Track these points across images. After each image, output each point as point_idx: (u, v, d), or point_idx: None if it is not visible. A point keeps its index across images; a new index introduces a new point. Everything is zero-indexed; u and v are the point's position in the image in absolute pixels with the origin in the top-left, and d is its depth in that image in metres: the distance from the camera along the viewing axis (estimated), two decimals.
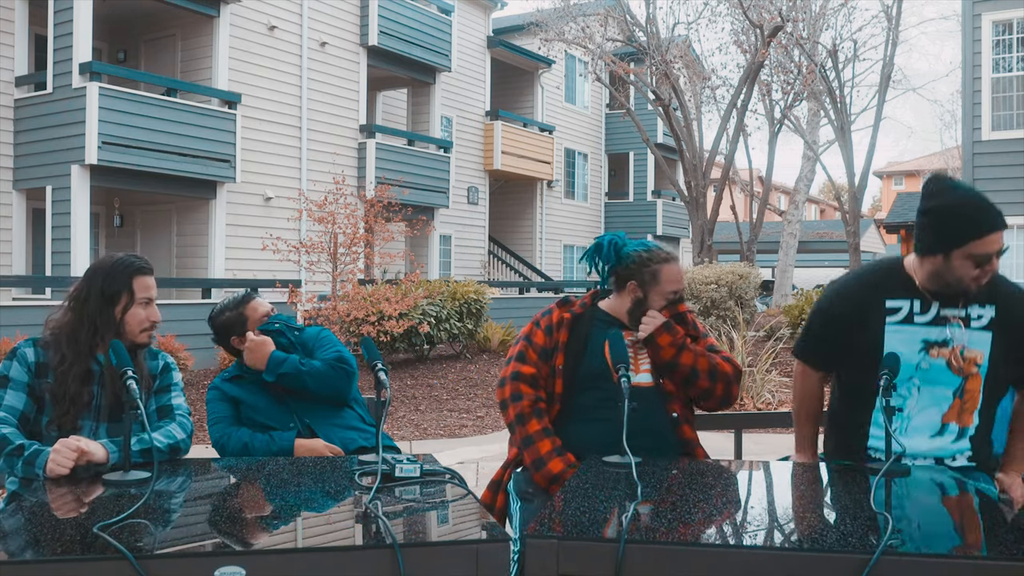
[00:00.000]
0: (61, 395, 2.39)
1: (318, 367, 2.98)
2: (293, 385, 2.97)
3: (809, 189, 22.56)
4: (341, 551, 1.71)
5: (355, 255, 10.45)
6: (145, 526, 1.79)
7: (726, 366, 2.79)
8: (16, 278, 10.98)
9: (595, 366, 2.74)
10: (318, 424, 2.97)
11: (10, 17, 11.55)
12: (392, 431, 7.70)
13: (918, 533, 1.83)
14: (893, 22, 19.39)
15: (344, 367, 3.01)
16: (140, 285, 2.49)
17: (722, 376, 2.77)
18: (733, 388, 2.80)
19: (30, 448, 2.23)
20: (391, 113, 17.97)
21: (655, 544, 1.73)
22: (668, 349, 2.72)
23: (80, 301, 2.47)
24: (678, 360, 2.73)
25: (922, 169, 45.95)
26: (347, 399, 3.08)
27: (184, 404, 2.61)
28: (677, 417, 2.74)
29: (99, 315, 2.44)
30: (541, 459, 2.62)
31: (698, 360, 2.74)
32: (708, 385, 2.76)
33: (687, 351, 2.74)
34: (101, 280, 2.46)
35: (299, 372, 2.95)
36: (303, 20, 14.45)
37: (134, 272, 2.49)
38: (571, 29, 18.67)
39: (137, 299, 2.48)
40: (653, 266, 2.80)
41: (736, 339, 9.35)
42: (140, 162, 11.44)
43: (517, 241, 21.70)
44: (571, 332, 2.80)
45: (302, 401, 3.01)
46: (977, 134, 11.76)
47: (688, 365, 2.73)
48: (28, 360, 2.42)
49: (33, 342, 2.47)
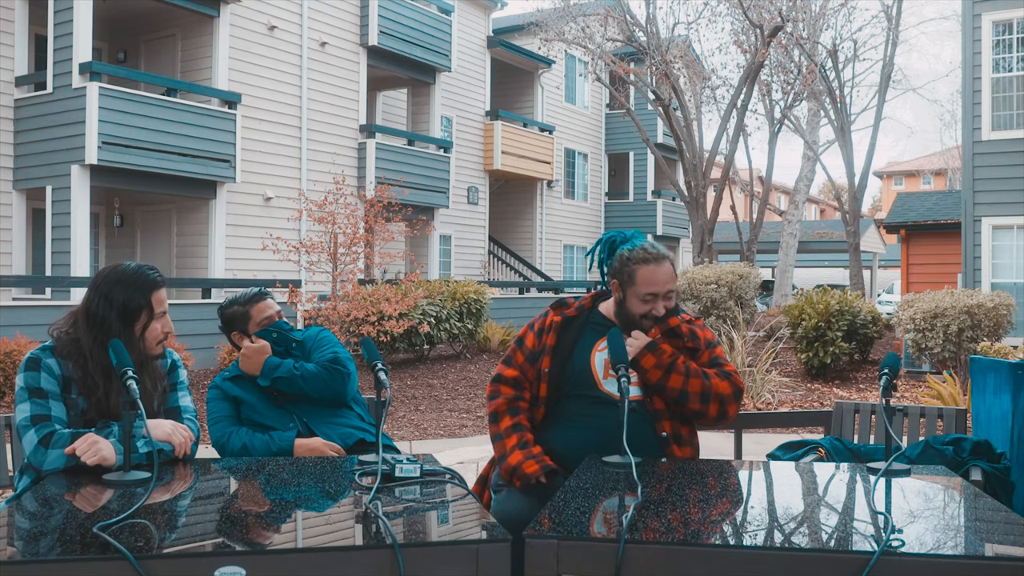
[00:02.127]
0: (90, 410, 2.35)
1: (313, 371, 2.98)
2: (289, 390, 2.98)
3: (809, 189, 22.56)
4: (341, 551, 1.71)
5: (355, 255, 10.45)
6: (145, 526, 1.78)
7: (722, 386, 2.64)
8: (16, 278, 10.98)
9: (581, 370, 2.69)
10: (316, 423, 2.97)
11: (10, 17, 11.55)
12: (392, 431, 7.70)
13: (918, 533, 1.83)
14: (893, 22, 19.40)
15: (339, 368, 3.00)
16: (158, 299, 2.42)
17: (716, 397, 2.62)
18: (729, 408, 2.66)
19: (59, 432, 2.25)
20: (391, 113, 17.97)
21: (655, 544, 1.73)
22: (653, 371, 2.60)
23: (98, 322, 2.37)
24: (665, 383, 2.61)
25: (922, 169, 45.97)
26: (345, 400, 3.08)
27: (191, 405, 2.59)
28: (667, 436, 2.64)
29: (121, 336, 2.35)
30: (505, 453, 2.64)
31: (689, 382, 2.60)
32: (699, 408, 2.63)
33: (675, 374, 2.61)
34: (122, 298, 2.36)
35: (294, 377, 2.96)
36: (303, 20, 14.45)
37: (152, 287, 2.41)
38: (571, 29, 18.67)
39: (156, 314, 2.41)
40: (632, 266, 2.69)
41: (736, 339, 9.35)
42: (140, 162, 11.44)
43: (517, 241, 21.69)
44: (559, 336, 2.76)
45: (301, 403, 3.01)
46: (977, 134, 11.76)
47: (676, 388, 2.60)
48: (55, 372, 2.36)
49: (50, 351, 2.39)
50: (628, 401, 2.36)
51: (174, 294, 12.68)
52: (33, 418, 2.30)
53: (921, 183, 46.61)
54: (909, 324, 9.55)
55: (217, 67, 12.68)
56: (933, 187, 43.77)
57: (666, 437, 2.64)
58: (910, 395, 9.16)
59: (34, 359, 2.37)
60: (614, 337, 2.57)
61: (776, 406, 8.84)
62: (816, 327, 10.20)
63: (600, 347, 2.71)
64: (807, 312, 10.33)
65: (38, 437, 2.26)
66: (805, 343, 10.31)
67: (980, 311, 9.12)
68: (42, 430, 2.27)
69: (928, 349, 9.42)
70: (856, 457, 2.98)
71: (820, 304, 10.34)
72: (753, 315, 13.43)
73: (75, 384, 2.38)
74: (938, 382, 8.06)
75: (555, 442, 2.68)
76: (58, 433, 2.26)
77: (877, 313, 10.94)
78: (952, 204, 16.24)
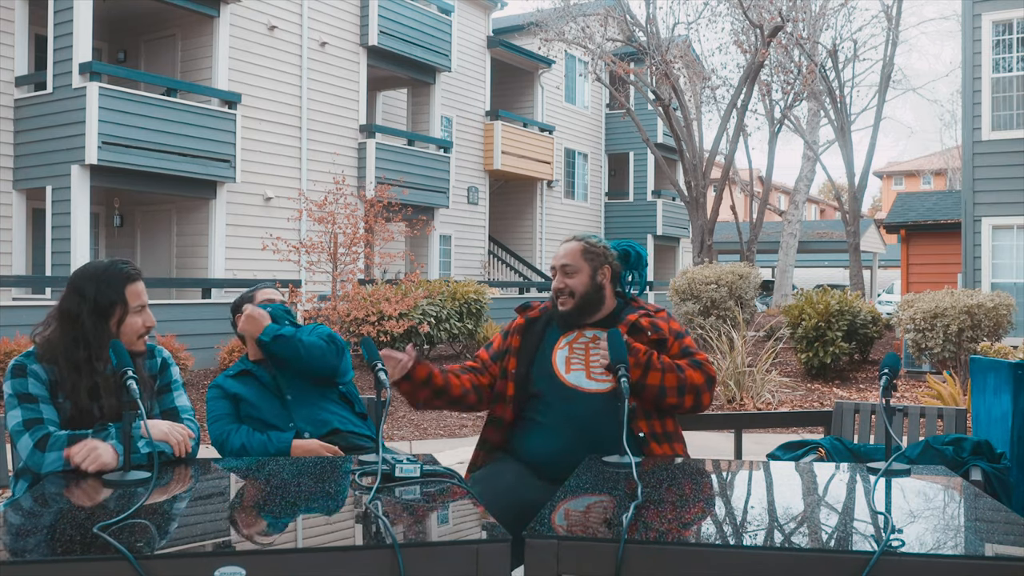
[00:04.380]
0: (76, 413, 2.36)
1: (313, 339, 3.04)
2: (286, 352, 3.00)
3: (809, 189, 22.57)
4: (341, 551, 1.71)
5: (355, 255, 10.45)
6: (145, 526, 1.78)
7: (695, 376, 2.70)
8: (16, 278, 10.98)
9: (543, 369, 2.76)
10: (298, 404, 2.99)
11: (10, 17, 11.55)
12: (392, 431, 7.70)
13: (918, 533, 1.83)
14: (893, 22, 19.40)
15: (336, 343, 3.08)
16: (132, 293, 2.40)
17: (690, 389, 2.68)
18: (704, 397, 2.72)
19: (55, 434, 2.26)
20: (391, 113, 17.97)
21: (655, 544, 1.73)
22: (633, 371, 2.62)
23: (71, 319, 2.36)
24: (644, 382, 2.66)
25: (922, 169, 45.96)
26: (337, 376, 3.11)
27: (188, 404, 2.58)
28: (644, 436, 2.67)
29: (93, 332, 2.35)
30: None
31: (665, 377, 2.67)
32: (676, 401, 2.69)
33: (652, 371, 2.66)
34: (93, 293, 2.36)
35: (294, 339, 3.00)
36: (303, 20, 14.45)
37: (125, 280, 2.39)
38: (571, 29, 18.67)
39: (131, 308, 2.40)
40: None
41: (736, 339, 9.35)
42: (140, 162, 11.44)
43: (517, 241, 21.69)
44: (523, 337, 2.85)
45: (292, 379, 3.03)
46: (977, 134, 11.76)
47: (655, 385, 2.66)
48: (42, 377, 2.36)
49: (33, 357, 2.39)
50: (626, 401, 2.37)
51: (174, 294, 12.68)
52: (26, 423, 2.29)
53: (921, 183, 46.62)
54: (909, 324, 9.55)
55: (217, 67, 12.68)
56: (933, 187, 43.77)
57: (643, 437, 2.67)
58: (910, 395, 9.16)
59: (19, 366, 2.36)
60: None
61: (776, 406, 8.84)
62: (816, 327, 10.20)
63: (560, 345, 2.78)
64: (807, 312, 10.33)
65: (33, 441, 2.25)
66: (805, 343, 10.31)
67: (980, 311, 9.12)
68: (36, 433, 2.26)
69: (928, 349, 9.42)
70: (856, 457, 2.99)
71: (820, 304, 10.34)
72: (753, 315, 13.43)
73: (60, 391, 2.37)
74: (938, 382, 8.05)
75: (525, 442, 2.72)
76: (54, 435, 2.26)
77: (877, 313, 10.94)
78: (952, 204, 16.25)
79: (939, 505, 2.19)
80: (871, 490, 2.17)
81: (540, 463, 2.65)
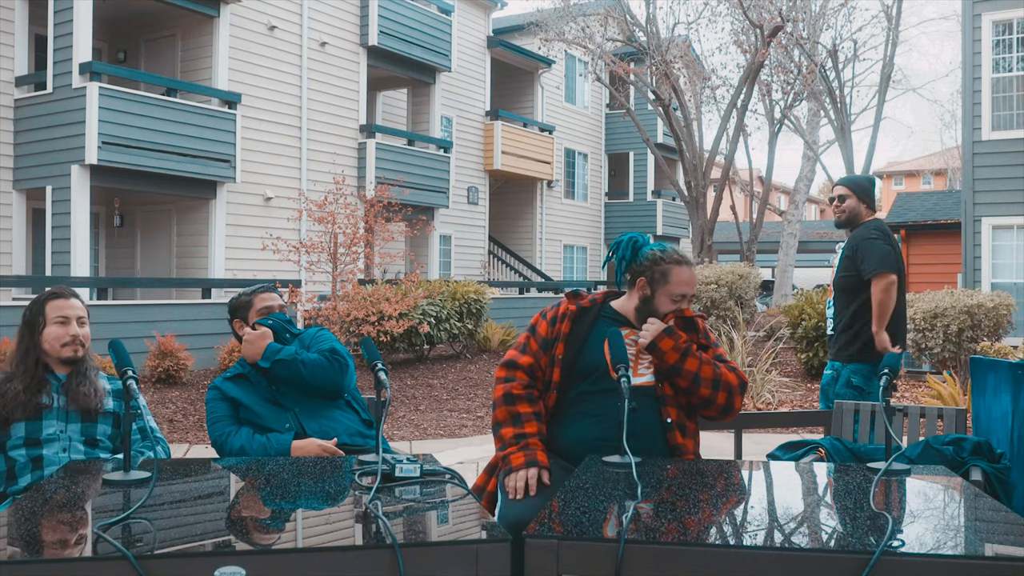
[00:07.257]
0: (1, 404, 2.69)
1: (314, 358, 3.02)
2: (288, 374, 2.99)
3: (809, 189, 22.56)
4: (341, 551, 1.71)
5: (355, 255, 10.45)
6: (145, 526, 1.78)
7: (731, 376, 2.74)
8: (16, 278, 10.97)
9: (593, 360, 2.74)
10: (307, 418, 2.98)
11: (10, 17, 11.55)
12: (392, 431, 7.70)
13: (918, 533, 1.83)
14: (893, 22, 19.40)
15: (338, 359, 3.05)
16: (52, 308, 2.81)
17: (725, 386, 2.72)
18: (736, 399, 2.75)
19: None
20: (391, 113, 17.97)
21: (655, 544, 1.73)
22: (671, 354, 2.69)
23: (20, 334, 2.88)
24: (682, 365, 2.69)
25: (922, 169, 45.95)
26: (342, 392, 3.09)
27: (156, 426, 2.92)
28: (671, 422, 2.70)
29: (29, 340, 2.82)
30: (524, 434, 2.64)
31: (702, 367, 2.70)
32: (709, 394, 2.71)
33: (691, 357, 2.71)
34: (27, 314, 2.85)
35: (295, 360, 2.98)
36: (303, 20, 14.45)
37: (46, 299, 2.85)
38: (571, 29, 18.67)
39: (50, 320, 2.80)
40: (664, 265, 2.78)
41: (736, 339, 9.35)
42: (140, 162, 11.43)
43: (517, 241, 21.69)
44: (574, 324, 2.82)
45: (296, 395, 3.02)
46: (977, 134, 11.76)
47: (692, 371, 2.70)
48: None
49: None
50: (628, 400, 2.37)
51: (174, 294, 12.69)
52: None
53: (921, 183, 46.60)
54: (909, 324, 9.55)
55: (217, 67, 12.68)
56: (933, 187, 43.76)
57: (670, 423, 2.69)
58: (910, 395, 9.16)
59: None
60: (614, 338, 2.59)
61: (776, 406, 8.84)
62: (816, 327, 10.19)
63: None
64: (807, 312, 10.33)
65: None
66: (805, 343, 10.31)
67: (980, 311, 9.12)
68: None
69: (928, 349, 9.42)
70: (856, 457, 2.99)
71: (820, 304, 10.34)
72: (753, 315, 13.44)
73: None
74: (938, 382, 8.05)
75: (568, 430, 2.72)
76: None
77: None
78: (952, 204, 16.25)
79: (939, 505, 2.19)
80: (871, 490, 2.17)
81: (578, 454, 2.62)
